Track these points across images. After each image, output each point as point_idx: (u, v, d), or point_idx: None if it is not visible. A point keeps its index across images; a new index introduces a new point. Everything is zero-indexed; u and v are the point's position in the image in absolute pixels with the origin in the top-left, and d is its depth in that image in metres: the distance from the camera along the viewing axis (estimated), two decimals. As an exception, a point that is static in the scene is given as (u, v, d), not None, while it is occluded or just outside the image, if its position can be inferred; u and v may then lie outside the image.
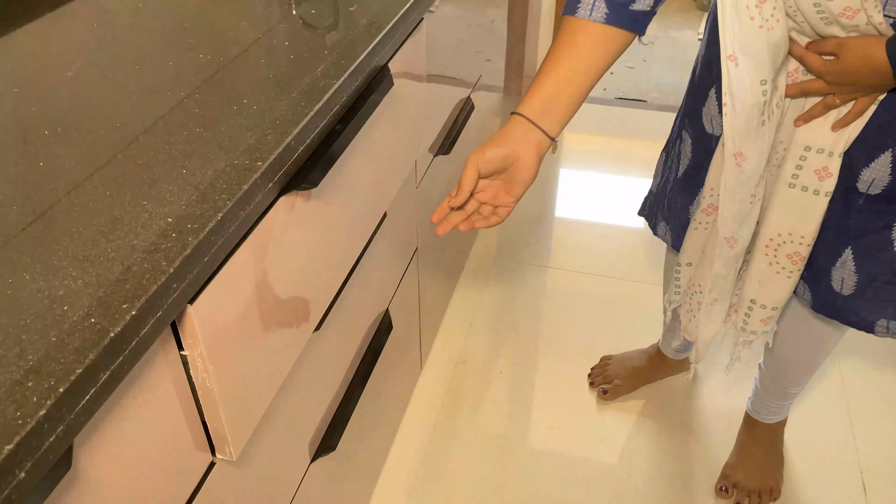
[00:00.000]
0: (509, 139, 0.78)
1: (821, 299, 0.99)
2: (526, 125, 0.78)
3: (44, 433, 0.40)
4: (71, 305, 0.47)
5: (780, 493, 1.27)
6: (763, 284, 1.00)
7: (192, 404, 0.60)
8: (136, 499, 0.54)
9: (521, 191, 0.79)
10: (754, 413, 1.31)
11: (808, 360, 1.19)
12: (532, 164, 0.79)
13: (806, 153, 0.86)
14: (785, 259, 0.96)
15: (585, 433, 1.39)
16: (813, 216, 0.90)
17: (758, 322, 1.04)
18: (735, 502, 1.26)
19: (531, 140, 0.78)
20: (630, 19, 0.79)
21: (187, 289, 0.52)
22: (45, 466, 0.41)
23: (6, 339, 0.45)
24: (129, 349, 0.46)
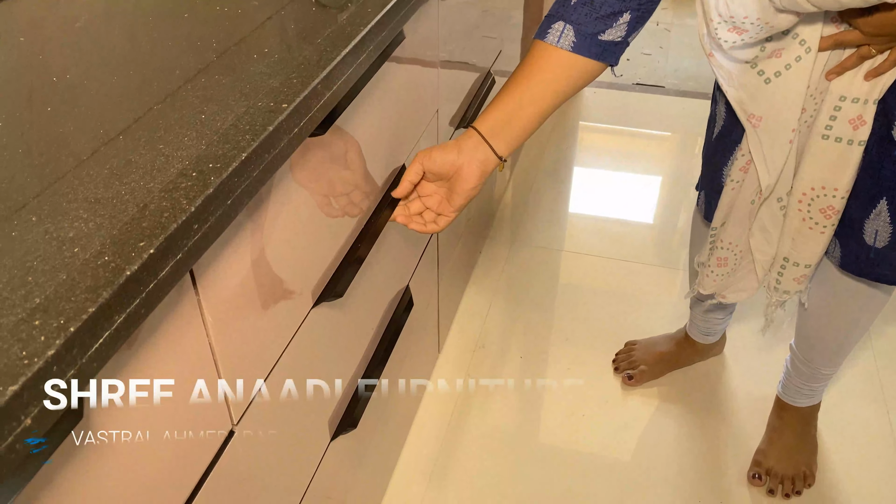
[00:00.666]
0: (458, 149, 0.79)
1: (851, 255, 0.98)
2: (476, 139, 0.79)
3: (52, 376, 0.36)
4: (82, 247, 0.43)
5: (815, 480, 1.22)
6: (796, 241, 0.98)
7: (211, 364, 0.55)
8: (151, 461, 0.50)
9: (461, 202, 0.80)
10: (785, 396, 1.26)
11: (842, 338, 1.15)
12: (474, 177, 0.79)
13: (840, 103, 0.84)
14: (818, 213, 0.93)
15: (609, 419, 1.34)
16: (847, 167, 0.88)
17: (791, 281, 1.02)
18: (768, 489, 1.21)
19: (478, 155, 0.79)
20: (599, 49, 0.78)
21: (209, 232, 0.48)
22: (54, 415, 0.36)
23: (10, 281, 0.40)
24: (146, 291, 0.42)
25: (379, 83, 0.80)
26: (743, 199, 0.99)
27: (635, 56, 2.79)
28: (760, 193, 0.95)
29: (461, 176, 0.79)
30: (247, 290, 0.60)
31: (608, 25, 0.77)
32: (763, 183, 0.92)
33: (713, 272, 1.09)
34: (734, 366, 1.44)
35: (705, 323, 1.36)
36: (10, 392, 0.33)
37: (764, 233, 1.00)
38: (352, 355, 0.91)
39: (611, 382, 1.41)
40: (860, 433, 1.31)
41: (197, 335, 0.53)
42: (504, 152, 0.80)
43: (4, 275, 0.41)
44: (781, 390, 1.27)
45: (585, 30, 0.77)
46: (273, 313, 0.65)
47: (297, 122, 0.58)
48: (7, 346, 0.36)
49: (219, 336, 0.56)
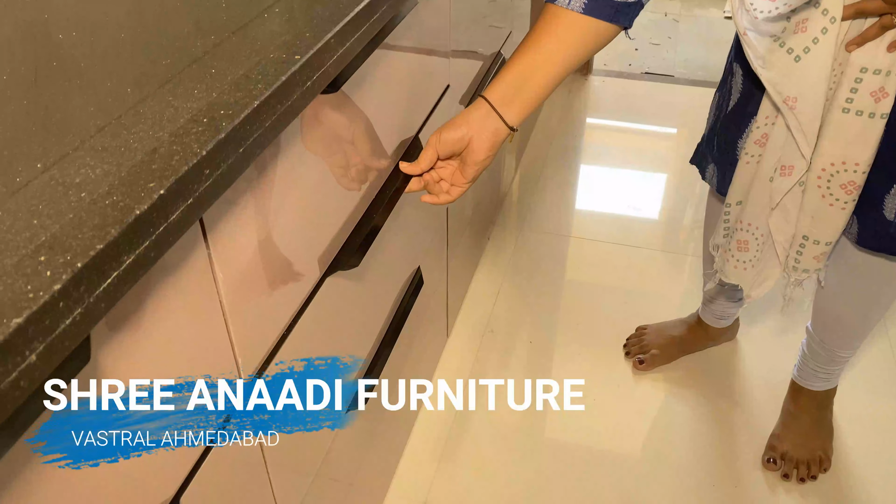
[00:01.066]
0: (466, 122, 0.76)
1: (869, 231, 0.96)
2: (486, 109, 0.76)
3: (58, 313, 0.34)
4: (89, 192, 0.41)
5: (831, 464, 1.20)
6: (816, 219, 0.95)
7: (220, 317, 0.54)
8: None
9: (473, 173, 0.78)
10: (801, 380, 1.24)
11: (859, 319, 1.13)
12: (485, 148, 0.77)
13: (862, 75, 0.82)
14: (839, 189, 0.91)
15: (620, 404, 1.32)
16: (869, 141, 0.86)
17: (811, 259, 0.99)
18: (783, 474, 1.19)
19: (488, 126, 0.76)
20: (611, 10, 0.74)
21: (220, 179, 0.46)
22: (61, 353, 0.35)
23: (14, 224, 0.39)
24: (155, 234, 0.40)
25: (391, 51, 0.78)
26: (762, 177, 0.96)
27: (644, 46, 2.77)
28: (783, 169, 0.92)
29: (472, 148, 0.77)
30: (259, 249, 0.58)
31: None
32: (807, 156, 0.90)
33: (734, 257, 1.06)
34: (748, 351, 1.42)
35: (719, 307, 1.34)
36: (13, 324, 0.32)
37: (783, 211, 0.97)
38: (366, 331, 0.89)
39: (622, 367, 1.39)
40: (877, 420, 1.29)
41: (208, 291, 0.52)
42: (515, 122, 0.77)
43: (8, 218, 0.39)
44: (797, 374, 1.25)
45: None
46: (286, 277, 0.63)
47: (310, 75, 0.56)
48: (11, 282, 0.34)
49: (231, 295, 0.54)
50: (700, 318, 1.39)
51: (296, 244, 0.65)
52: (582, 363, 1.40)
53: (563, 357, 1.42)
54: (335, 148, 0.71)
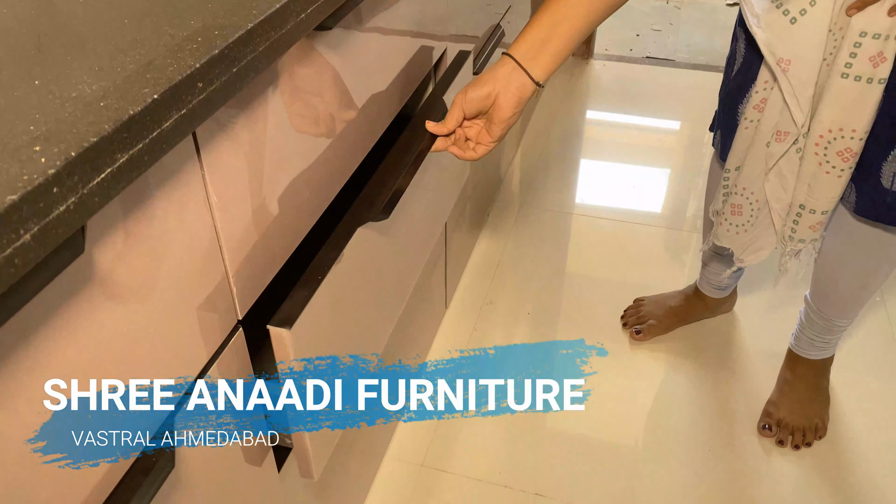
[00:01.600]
0: (492, 79, 0.76)
1: (867, 200, 0.96)
2: (512, 66, 0.76)
3: (53, 197, 0.35)
4: (84, 100, 0.42)
5: (826, 431, 1.21)
6: (812, 187, 0.96)
7: (215, 243, 0.55)
8: (154, 316, 0.49)
9: (499, 131, 0.78)
10: (798, 349, 1.24)
11: (857, 289, 1.13)
12: (510, 105, 0.76)
13: (861, 39, 0.82)
14: (835, 157, 0.91)
15: (618, 373, 1.33)
16: (866, 107, 0.86)
17: (806, 229, 1.00)
18: (778, 440, 1.20)
19: (514, 82, 0.75)
20: None
21: (214, 95, 0.47)
22: (55, 239, 0.36)
23: (11, 129, 0.39)
24: (149, 137, 0.41)
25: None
26: (759, 142, 0.97)
27: (645, 32, 2.78)
28: (778, 134, 0.93)
29: (498, 105, 0.76)
30: (252, 179, 0.59)
31: None
32: (798, 122, 0.90)
33: (727, 220, 1.07)
34: (744, 323, 1.43)
35: (717, 276, 1.34)
36: (7, 201, 0.33)
37: (780, 178, 0.98)
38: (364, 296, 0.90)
39: (619, 337, 1.40)
40: (872, 389, 1.30)
41: (203, 216, 0.53)
42: (541, 77, 0.76)
43: (4, 127, 0.40)
44: (794, 343, 1.25)
45: None
46: (279, 214, 0.64)
47: (305, 6, 0.57)
48: (7, 166, 0.35)
49: (224, 222, 0.55)
50: (698, 288, 1.39)
51: (287, 179, 0.66)
52: (580, 334, 1.41)
53: (562, 328, 1.43)
54: (324, 92, 0.71)
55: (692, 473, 1.16)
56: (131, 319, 0.48)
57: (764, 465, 1.17)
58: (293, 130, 0.64)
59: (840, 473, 1.16)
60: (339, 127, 0.74)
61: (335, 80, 0.71)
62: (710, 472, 1.16)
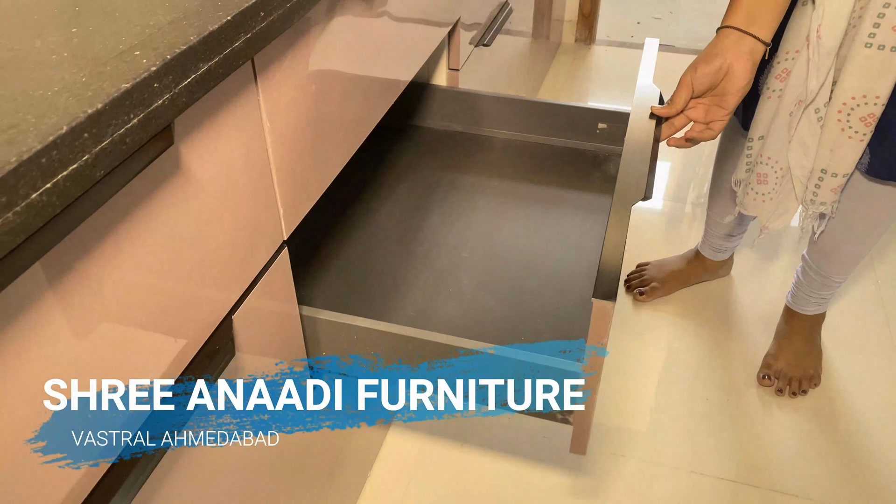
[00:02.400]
0: (719, 52, 0.79)
1: (880, 161, 1.00)
2: (736, 35, 0.79)
3: (153, 91, 0.42)
4: (169, 22, 0.49)
5: (820, 381, 1.27)
6: (835, 152, 1.00)
7: (268, 170, 0.62)
8: (221, 226, 0.56)
9: (735, 101, 0.80)
10: (795, 305, 1.31)
11: (858, 245, 1.18)
12: (745, 71, 0.79)
13: (884, 10, 0.85)
14: (858, 122, 0.95)
15: (623, 331, 1.40)
16: (889, 75, 0.89)
17: (828, 192, 1.04)
18: (776, 389, 1.27)
19: (743, 48, 0.78)
20: None
21: (271, 25, 0.53)
22: (154, 127, 0.42)
23: (109, 43, 0.46)
24: (223, 53, 0.48)
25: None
26: (783, 112, 1.00)
27: (646, 20, 2.85)
28: (800, 103, 0.96)
29: (732, 74, 0.79)
30: (299, 110, 0.66)
31: None
32: (811, 88, 0.92)
33: (753, 190, 1.10)
34: (741, 286, 1.49)
35: (719, 240, 1.41)
36: (122, 89, 0.39)
37: (802, 146, 1.00)
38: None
39: (624, 300, 1.46)
40: (861, 343, 1.36)
41: (257, 131, 0.59)
42: (767, 36, 0.79)
43: (102, 42, 0.47)
44: (791, 300, 1.32)
45: None
46: (328, 141, 0.71)
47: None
48: (116, 65, 0.42)
49: (275, 145, 0.62)
50: (698, 252, 1.46)
51: (329, 113, 0.73)
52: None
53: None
54: (363, 36, 0.78)
55: (695, 422, 1.22)
56: (201, 217, 0.54)
57: (761, 412, 1.24)
58: (336, 68, 0.71)
59: (831, 419, 1.23)
60: (374, 70, 0.81)
61: (373, 26, 0.78)
62: (711, 420, 1.22)
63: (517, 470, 1.13)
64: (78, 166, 0.37)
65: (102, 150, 0.39)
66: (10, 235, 0.34)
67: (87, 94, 0.39)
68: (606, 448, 1.18)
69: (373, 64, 0.80)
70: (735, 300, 1.46)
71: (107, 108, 0.39)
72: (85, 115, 0.37)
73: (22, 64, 0.42)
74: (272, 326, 0.69)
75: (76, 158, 0.37)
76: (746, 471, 1.14)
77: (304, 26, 0.63)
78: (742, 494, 1.11)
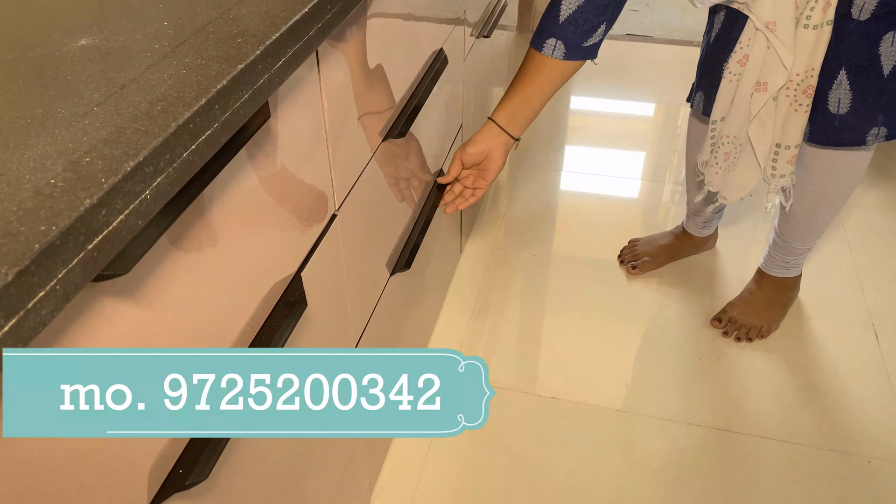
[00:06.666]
0: (484, 139, 1.04)
1: (818, 127, 1.12)
2: (497, 129, 1.04)
3: (257, 73, 0.50)
4: (259, 14, 0.57)
5: (768, 335, 1.40)
6: (786, 126, 1.12)
7: (325, 146, 0.70)
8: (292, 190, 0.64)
9: (492, 177, 1.06)
10: (764, 266, 1.43)
11: (809, 213, 1.30)
12: (500, 157, 1.05)
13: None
14: (802, 95, 1.08)
15: (617, 301, 1.49)
16: (820, 47, 1.03)
17: (785, 164, 1.15)
18: (723, 332, 1.41)
19: (501, 140, 1.04)
20: (583, 52, 0.99)
21: (331, 20, 0.62)
22: (256, 103, 0.50)
23: (213, 35, 0.54)
24: (299, 44, 0.56)
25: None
26: (742, 93, 1.11)
27: (624, 13, 2.94)
28: (759, 85, 1.08)
29: (491, 157, 1.05)
30: (351, 95, 0.74)
31: (589, 35, 0.97)
32: (787, 64, 1.04)
33: (720, 167, 1.21)
34: (725, 258, 1.60)
35: (701, 217, 1.52)
36: (237, 68, 0.48)
37: (761, 124, 1.12)
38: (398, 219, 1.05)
39: (617, 273, 1.56)
40: (837, 305, 1.48)
41: (317, 111, 0.68)
42: (518, 134, 1.05)
43: (211, 39, 0.55)
44: (762, 262, 1.44)
45: (572, 42, 0.97)
46: (364, 127, 0.79)
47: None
48: (229, 50, 0.50)
49: (331, 123, 0.70)
50: (685, 228, 1.57)
51: (373, 97, 0.81)
52: (583, 272, 1.57)
53: (565, 268, 1.59)
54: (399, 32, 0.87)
55: (688, 378, 1.33)
56: (283, 181, 0.62)
57: (748, 367, 1.35)
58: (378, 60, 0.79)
59: (804, 366, 1.34)
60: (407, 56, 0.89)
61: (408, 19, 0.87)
62: (703, 376, 1.33)
63: (528, 462, 1.23)
64: (211, 132, 0.46)
65: (226, 120, 0.47)
66: (170, 187, 0.42)
67: (212, 73, 0.47)
68: (607, 403, 1.27)
69: (407, 54, 0.89)
70: (720, 270, 1.57)
71: (228, 85, 0.47)
72: (215, 90, 0.46)
73: (139, 54, 0.49)
74: (329, 289, 0.77)
75: (210, 125, 0.45)
76: (736, 420, 1.25)
77: (357, 16, 0.72)
78: (732, 440, 1.22)
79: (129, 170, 0.38)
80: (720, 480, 1.16)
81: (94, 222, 0.36)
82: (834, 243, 1.64)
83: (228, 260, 0.57)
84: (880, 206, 1.76)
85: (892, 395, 1.29)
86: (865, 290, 1.51)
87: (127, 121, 0.42)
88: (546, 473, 1.17)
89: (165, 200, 0.42)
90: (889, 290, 1.52)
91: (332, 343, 0.79)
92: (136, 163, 0.39)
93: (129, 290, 0.43)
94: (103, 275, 0.39)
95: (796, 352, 1.38)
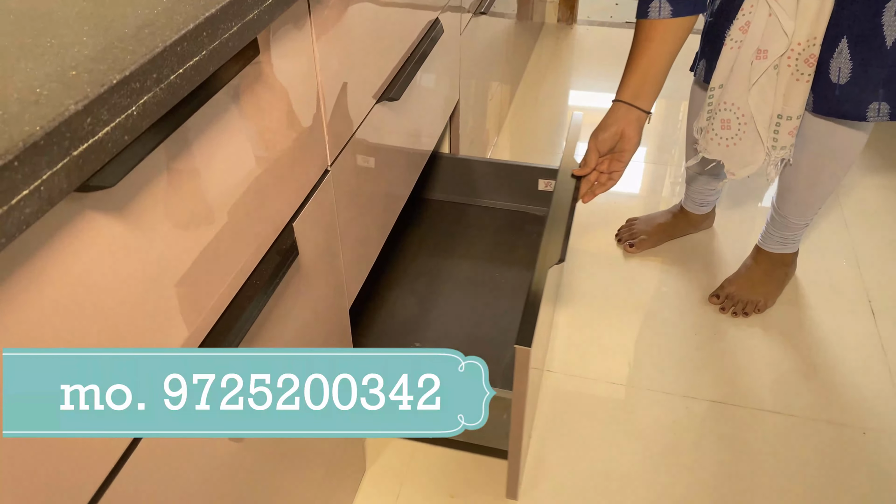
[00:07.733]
0: (615, 121, 1.05)
1: (820, 97, 1.12)
2: (625, 107, 1.05)
3: (246, 6, 0.50)
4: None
5: (764, 310, 1.40)
6: (787, 96, 1.11)
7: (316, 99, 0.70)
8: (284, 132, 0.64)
9: (629, 157, 1.08)
10: (761, 242, 1.43)
11: (807, 189, 1.30)
12: (635, 134, 1.06)
13: None
14: (803, 65, 1.07)
15: (615, 279, 1.50)
16: (823, 15, 1.02)
17: (786, 135, 1.15)
18: (720, 307, 1.41)
19: (632, 117, 1.05)
20: (691, 6, 0.98)
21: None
22: (246, 37, 0.51)
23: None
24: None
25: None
26: (743, 60, 1.11)
27: (624, 2, 2.95)
28: (759, 52, 1.08)
29: (626, 137, 1.06)
30: (346, 47, 0.74)
31: None
32: (788, 31, 1.05)
33: (717, 135, 1.21)
34: (723, 237, 1.60)
35: (700, 195, 1.51)
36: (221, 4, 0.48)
37: (761, 93, 1.12)
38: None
39: (614, 252, 1.57)
40: (834, 282, 1.48)
41: (309, 63, 0.68)
42: (648, 107, 1.05)
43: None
44: (760, 239, 1.44)
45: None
46: (359, 82, 0.79)
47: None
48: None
49: (324, 76, 0.70)
50: (682, 207, 1.56)
51: (366, 51, 0.81)
52: (585, 249, 1.57)
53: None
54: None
55: (687, 352, 1.33)
56: (274, 124, 0.62)
57: (746, 342, 1.35)
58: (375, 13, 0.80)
59: (800, 340, 1.34)
60: (403, 19, 0.89)
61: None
62: (701, 351, 1.33)
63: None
64: (199, 59, 0.46)
65: (214, 49, 0.47)
66: (157, 107, 0.42)
67: (200, 2, 0.47)
68: (604, 377, 1.28)
69: (391, 18, 0.89)
70: (717, 248, 1.57)
71: (218, 14, 0.47)
72: (203, 17, 0.46)
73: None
74: (321, 244, 0.78)
75: (198, 52, 0.46)
76: (734, 393, 1.25)
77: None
78: (730, 412, 1.22)
79: (116, 82, 0.38)
80: (718, 451, 1.16)
81: (79, 129, 0.36)
82: (831, 223, 1.64)
83: (218, 193, 0.57)
84: (878, 185, 1.76)
85: (886, 367, 1.29)
86: (862, 268, 1.51)
87: (114, 41, 0.42)
88: (544, 446, 1.17)
89: (152, 120, 0.42)
90: (886, 268, 1.52)
91: (324, 296, 0.80)
92: (122, 77, 0.39)
93: (115, 205, 0.44)
94: (90, 185, 0.39)
95: (793, 327, 1.38)
